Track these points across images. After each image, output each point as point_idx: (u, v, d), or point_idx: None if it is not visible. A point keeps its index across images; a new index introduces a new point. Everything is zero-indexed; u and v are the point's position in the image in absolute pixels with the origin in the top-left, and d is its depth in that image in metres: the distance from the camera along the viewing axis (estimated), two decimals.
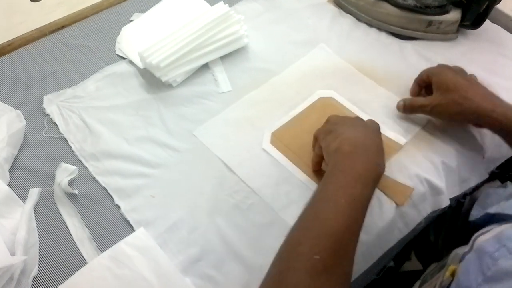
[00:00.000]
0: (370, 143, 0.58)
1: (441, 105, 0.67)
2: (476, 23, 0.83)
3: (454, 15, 0.82)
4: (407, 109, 0.72)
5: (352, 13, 0.89)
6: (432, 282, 0.63)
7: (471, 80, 0.69)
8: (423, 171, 0.67)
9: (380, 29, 0.88)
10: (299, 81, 0.79)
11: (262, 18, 0.91)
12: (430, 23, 0.82)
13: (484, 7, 0.79)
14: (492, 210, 0.60)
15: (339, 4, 0.92)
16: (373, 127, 0.62)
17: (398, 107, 0.73)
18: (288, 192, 0.66)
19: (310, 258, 0.45)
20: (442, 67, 0.71)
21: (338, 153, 0.56)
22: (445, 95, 0.67)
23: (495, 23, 0.89)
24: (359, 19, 0.89)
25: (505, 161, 0.74)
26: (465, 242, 0.69)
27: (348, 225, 0.49)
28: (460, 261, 0.53)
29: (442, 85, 0.68)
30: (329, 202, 0.51)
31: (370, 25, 0.88)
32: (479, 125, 0.68)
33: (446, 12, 0.82)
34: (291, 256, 0.47)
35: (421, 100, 0.71)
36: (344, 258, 0.47)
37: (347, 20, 0.90)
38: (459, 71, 0.71)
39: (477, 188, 0.74)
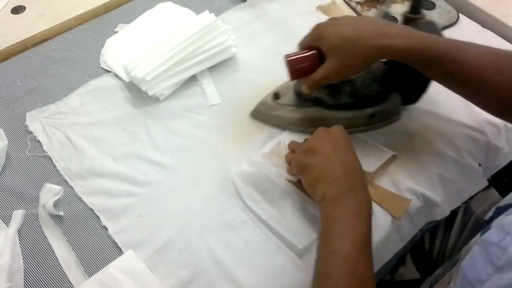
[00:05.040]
0: (350, 170, 0.55)
1: (342, 65, 0.59)
2: (415, 99, 0.72)
3: (394, 99, 0.71)
4: (312, 87, 0.63)
5: (276, 126, 0.74)
6: (446, 279, 0.62)
7: (352, 18, 0.62)
8: (418, 185, 0.66)
9: None
10: None
11: (250, 27, 0.89)
12: (372, 115, 0.71)
13: (422, 83, 0.69)
14: (502, 203, 0.58)
15: (258, 119, 0.75)
16: (341, 140, 0.58)
17: (304, 91, 0.64)
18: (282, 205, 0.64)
19: None
20: (319, 29, 0.62)
21: (325, 201, 0.54)
22: (339, 52, 0.59)
23: (486, 27, 0.88)
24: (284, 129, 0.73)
25: (500, 169, 0.73)
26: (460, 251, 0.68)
27: (359, 269, 0.48)
28: None
29: (330, 45, 0.59)
30: (337, 255, 0.49)
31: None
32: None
33: (386, 99, 0.71)
34: None
35: (320, 72, 0.61)
36: None
37: None
38: (336, 22, 0.62)
39: (471, 197, 0.73)
